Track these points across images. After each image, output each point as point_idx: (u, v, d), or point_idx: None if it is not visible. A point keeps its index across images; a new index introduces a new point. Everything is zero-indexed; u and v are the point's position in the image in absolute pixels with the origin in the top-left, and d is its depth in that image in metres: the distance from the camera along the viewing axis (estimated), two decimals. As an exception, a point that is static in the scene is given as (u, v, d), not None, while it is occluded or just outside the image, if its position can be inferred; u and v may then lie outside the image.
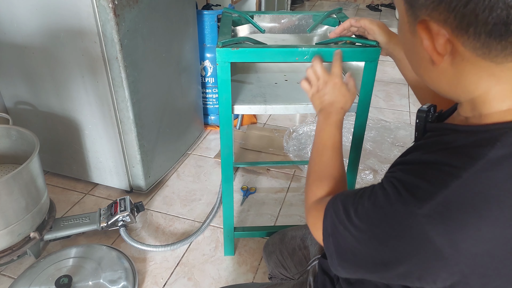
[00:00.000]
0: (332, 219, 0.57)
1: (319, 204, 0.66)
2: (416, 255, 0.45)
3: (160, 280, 1.41)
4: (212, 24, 2.02)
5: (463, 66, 0.45)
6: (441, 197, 0.43)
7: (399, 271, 0.48)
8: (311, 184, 0.75)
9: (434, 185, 0.44)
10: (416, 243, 0.44)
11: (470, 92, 0.47)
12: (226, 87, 1.08)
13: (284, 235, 1.13)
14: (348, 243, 0.53)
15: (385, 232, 0.48)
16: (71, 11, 1.34)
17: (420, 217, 0.44)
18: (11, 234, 1.27)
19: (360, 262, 0.52)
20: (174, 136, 1.92)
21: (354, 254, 0.53)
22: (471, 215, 0.42)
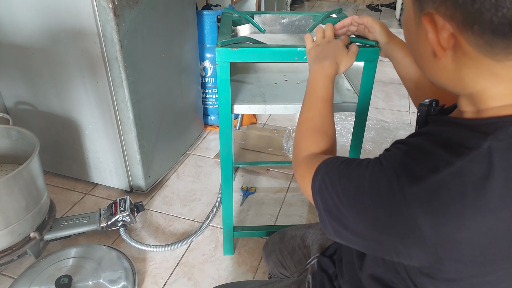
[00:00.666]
0: (322, 178, 0.59)
1: (312, 159, 0.66)
2: (395, 229, 0.47)
3: (160, 280, 1.41)
4: (212, 25, 2.03)
5: (464, 62, 0.46)
6: (432, 180, 0.44)
7: (376, 241, 0.50)
8: (305, 135, 0.74)
9: (427, 169, 0.45)
10: (399, 217, 0.46)
11: (469, 87, 0.48)
12: (225, 87, 1.09)
13: (283, 234, 1.13)
14: (334, 204, 0.55)
15: (371, 200, 0.49)
16: (71, 12, 1.34)
17: (409, 194, 0.45)
18: (11, 234, 1.27)
19: (345, 224, 0.54)
20: (174, 136, 1.92)
21: (340, 216, 0.55)
22: (457, 202, 0.43)
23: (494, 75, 0.45)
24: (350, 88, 1.25)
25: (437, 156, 0.46)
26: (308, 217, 1.71)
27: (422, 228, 0.44)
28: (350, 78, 1.29)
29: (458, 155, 0.44)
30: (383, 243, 0.50)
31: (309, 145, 0.72)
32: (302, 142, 0.74)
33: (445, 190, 0.43)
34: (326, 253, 0.88)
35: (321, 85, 0.80)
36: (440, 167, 0.44)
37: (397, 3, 4.63)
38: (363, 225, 0.51)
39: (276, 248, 1.12)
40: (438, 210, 0.44)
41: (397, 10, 4.60)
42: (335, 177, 0.56)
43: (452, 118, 0.53)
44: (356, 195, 0.52)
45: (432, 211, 0.44)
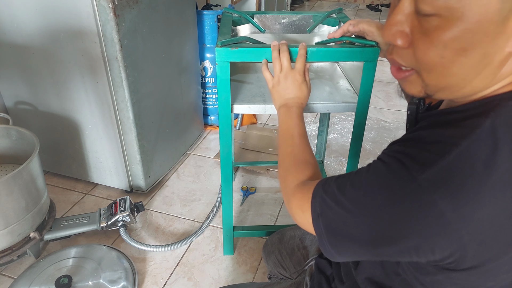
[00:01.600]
0: (322, 198, 0.57)
1: (304, 186, 0.65)
2: (416, 221, 0.45)
3: (160, 280, 1.41)
4: (212, 24, 2.03)
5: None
6: (443, 163, 0.44)
7: (396, 243, 0.48)
8: (289, 169, 0.75)
9: (435, 154, 0.45)
10: (418, 208, 0.45)
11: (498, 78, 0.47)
12: (225, 87, 1.09)
13: (283, 235, 1.13)
14: (340, 220, 0.53)
15: (385, 199, 0.47)
16: (71, 12, 1.34)
17: (423, 181, 0.44)
18: (11, 234, 1.27)
19: (354, 238, 0.52)
20: (174, 136, 1.92)
21: (347, 231, 0.52)
22: (472, 180, 0.43)
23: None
24: (350, 88, 1.25)
25: (441, 140, 0.46)
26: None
27: (445, 213, 0.43)
28: (350, 78, 1.28)
29: (462, 136, 0.44)
30: (401, 243, 0.48)
31: (296, 175, 0.72)
32: (289, 175, 0.74)
33: (457, 171, 0.43)
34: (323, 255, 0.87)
35: (293, 124, 0.83)
36: (447, 150, 0.44)
37: (397, 3, 4.63)
38: (379, 230, 0.49)
39: (275, 248, 1.12)
40: (455, 191, 0.43)
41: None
42: (336, 193, 0.54)
43: (444, 110, 0.52)
44: (367, 201, 0.49)
45: (450, 193, 0.43)
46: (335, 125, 2.37)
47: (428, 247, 0.46)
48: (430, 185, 0.44)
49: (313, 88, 1.24)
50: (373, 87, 1.12)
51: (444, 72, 0.47)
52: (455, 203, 0.43)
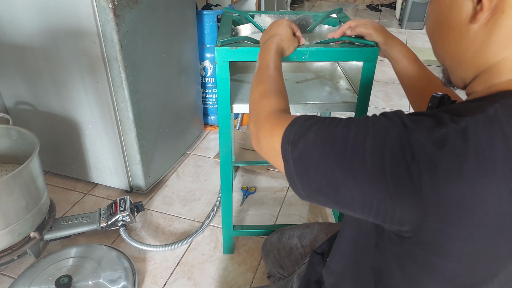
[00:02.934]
0: (302, 126, 0.54)
1: (281, 114, 0.63)
2: (393, 174, 0.45)
3: (160, 280, 1.42)
4: (212, 24, 2.03)
5: (500, 22, 0.47)
6: (437, 132, 0.44)
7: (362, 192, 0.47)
8: (267, 95, 0.71)
9: (434, 123, 0.45)
10: (400, 162, 0.44)
11: (491, 59, 0.49)
12: (225, 86, 1.09)
13: (282, 234, 1.13)
14: (313, 156, 0.51)
15: (375, 141, 0.47)
16: (71, 12, 1.34)
17: (414, 141, 0.44)
18: (11, 233, 1.27)
19: (324, 172, 0.50)
20: (174, 136, 1.92)
21: (319, 164, 0.50)
22: (458, 157, 0.43)
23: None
24: (350, 88, 1.25)
25: (443, 116, 0.46)
26: (308, 216, 1.71)
27: (421, 176, 0.43)
28: (350, 78, 1.29)
29: (463, 117, 0.44)
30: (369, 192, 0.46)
31: (274, 102, 0.68)
32: (266, 100, 0.69)
33: (448, 144, 0.43)
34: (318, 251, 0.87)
35: (271, 57, 0.81)
36: (445, 123, 0.44)
37: (397, 3, 4.63)
38: (357, 176, 0.47)
39: (274, 247, 1.12)
40: (440, 161, 0.43)
41: (397, 10, 4.60)
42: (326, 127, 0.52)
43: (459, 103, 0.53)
44: (358, 140, 0.48)
45: (434, 160, 0.43)
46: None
47: (391, 204, 0.45)
48: (420, 146, 0.44)
49: (313, 88, 1.24)
50: (372, 87, 1.12)
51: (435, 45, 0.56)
52: (435, 171, 0.43)
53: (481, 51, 0.50)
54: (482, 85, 0.51)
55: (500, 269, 0.48)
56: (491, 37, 0.48)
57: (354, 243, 0.64)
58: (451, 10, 0.51)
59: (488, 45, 0.49)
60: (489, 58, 0.49)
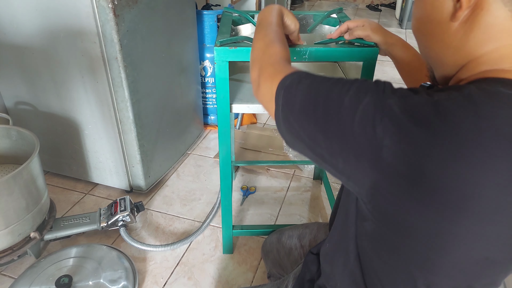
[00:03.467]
0: (299, 76, 0.56)
1: (288, 63, 0.66)
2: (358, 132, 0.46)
3: (160, 279, 1.42)
4: (212, 24, 2.03)
5: (478, 19, 0.48)
6: (411, 100, 0.45)
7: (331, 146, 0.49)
8: (273, 44, 0.71)
9: (410, 93, 0.46)
10: (368, 118, 0.45)
11: (472, 53, 0.50)
12: (224, 86, 1.09)
13: (281, 234, 1.13)
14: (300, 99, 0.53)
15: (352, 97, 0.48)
16: (71, 12, 1.34)
17: (388, 100, 0.45)
18: (11, 234, 1.27)
19: (301, 124, 0.53)
20: (174, 136, 1.92)
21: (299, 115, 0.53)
22: (424, 128, 0.42)
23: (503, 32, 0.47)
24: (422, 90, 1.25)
25: (421, 90, 0.47)
26: (308, 216, 1.71)
27: (384, 138, 0.44)
28: (349, 77, 1.29)
29: (438, 94, 0.45)
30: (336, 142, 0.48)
31: (279, 51, 0.69)
32: (271, 49, 0.70)
33: (417, 113, 0.43)
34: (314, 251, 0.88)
35: (273, 15, 0.81)
36: (420, 93, 0.46)
37: (397, 3, 4.63)
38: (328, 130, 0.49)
39: (273, 248, 1.12)
40: (405, 126, 0.43)
41: (397, 10, 4.60)
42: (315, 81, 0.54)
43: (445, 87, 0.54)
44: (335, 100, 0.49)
45: (400, 126, 0.43)
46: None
47: (354, 162, 0.46)
48: (390, 110, 0.44)
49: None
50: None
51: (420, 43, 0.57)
52: (398, 137, 0.43)
53: (461, 48, 0.51)
54: (461, 77, 0.52)
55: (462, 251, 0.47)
56: (471, 34, 0.49)
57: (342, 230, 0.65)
58: (433, 8, 0.52)
59: (467, 42, 0.50)
60: (468, 54, 0.50)
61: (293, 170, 2.00)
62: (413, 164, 0.42)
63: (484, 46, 0.49)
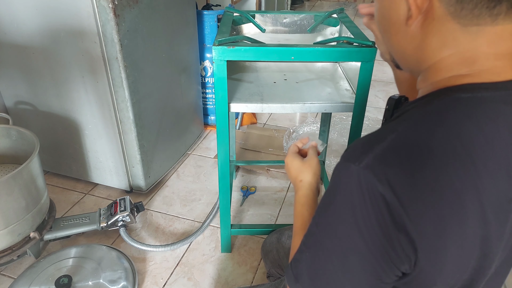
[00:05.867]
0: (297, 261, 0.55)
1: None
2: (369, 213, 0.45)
3: (160, 280, 1.41)
4: (212, 24, 2.03)
5: (430, 28, 0.48)
6: (379, 149, 0.44)
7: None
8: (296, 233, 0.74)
9: (373, 142, 0.46)
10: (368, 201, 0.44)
11: (430, 58, 0.50)
12: (222, 85, 1.09)
13: (281, 234, 1.13)
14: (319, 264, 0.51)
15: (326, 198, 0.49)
16: (71, 12, 1.34)
17: (362, 169, 0.44)
18: (11, 234, 1.27)
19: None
20: (174, 136, 1.92)
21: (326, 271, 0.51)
22: (406, 161, 0.43)
23: (455, 41, 0.47)
24: (349, 88, 1.25)
25: (382, 131, 0.47)
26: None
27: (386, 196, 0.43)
28: (350, 77, 1.29)
29: (400, 123, 0.46)
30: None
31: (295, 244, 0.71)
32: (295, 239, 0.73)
33: (393, 154, 0.43)
34: None
35: (297, 215, 0.78)
36: (384, 136, 0.45)
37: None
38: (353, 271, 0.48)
39: (273, 248, 1.12)
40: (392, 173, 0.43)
41: None
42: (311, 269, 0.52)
43: (410, 102, 0.54)
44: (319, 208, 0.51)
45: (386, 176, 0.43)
46: (335, 125, 2.37)
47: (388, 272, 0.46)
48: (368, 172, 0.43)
49: (313, 88, 1.24)
50: (373, 87, 1.12)
51: (381, 35, 0.56)
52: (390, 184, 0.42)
53: (419, 50, 0.51)
54: (425, 82, 0.52)
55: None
56: (426, 39, 0.49)
57: None
58: (391, 10, 0.52)
59: (425, 46, 0.50)
60: (427, 58, 0.50)
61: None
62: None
63: (441, 52, 0.49)
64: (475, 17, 0.44)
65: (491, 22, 0.44)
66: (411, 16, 0.48)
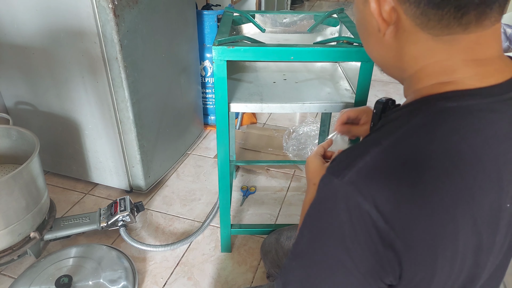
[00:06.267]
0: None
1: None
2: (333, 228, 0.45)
3: (160, 279, 1.42)
4: (212, 24, 2.03)
5: (405, 38, 0.47)
6: (362, 163, 0.43)
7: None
8: None
9: (356, 155, 0.45)
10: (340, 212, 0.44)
11: (410, 68, 0.50)
12: (222, 85, 1.09)
13: (280, 234, 1.13)
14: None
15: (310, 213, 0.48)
16: (71, 12, 1.34)
17: (346, 185, 0.43)
18: (11, 234, 1.28)
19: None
20: (174, 136, 1.92)
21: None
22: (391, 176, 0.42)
23: (430, 51, 0.46)
24: (349, 88, 1.25)
25: (365, 143, 0.46)
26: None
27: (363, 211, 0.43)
28: (350, 78, 1.29)
29: (384, 136, 0.45)
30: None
31: None
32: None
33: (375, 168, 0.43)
34: None
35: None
36: (368, 149, 0.44)
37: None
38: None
39: (272, 248, 1.12)
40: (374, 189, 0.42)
41: None
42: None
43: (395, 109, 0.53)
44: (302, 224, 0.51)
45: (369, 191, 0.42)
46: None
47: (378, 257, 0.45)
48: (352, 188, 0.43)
49: (313, 87, 1.24)
50: (373, 87, 1.12)
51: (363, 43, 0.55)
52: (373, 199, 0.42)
53: (398, 59, 0.50)
54: (410, 89, 0.51)
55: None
56: (403, 49, 0.48)
57: None
58: (365, 20, 0.51)
59: (403, 56, 0.49)
60: (408, 67, 0.50)
61: (293, 170, 2.00)
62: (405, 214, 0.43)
63: (420, 61, 0.48)
64: (444, 27, 0.44)
65: (463, 31, 0.44)
66: (379, 29, 0.49)
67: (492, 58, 0.46)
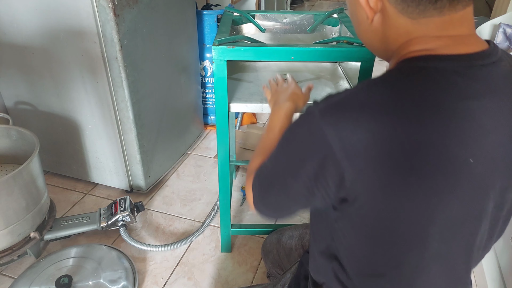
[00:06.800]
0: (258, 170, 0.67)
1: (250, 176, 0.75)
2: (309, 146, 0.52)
3: (160, 279, 1.42)
4: (212, 24, 2.03)
5: (388, 23, 0.55)
6: (336, 99, 0.51)
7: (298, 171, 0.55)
8: (256, 156, 0.80)
9: (333, 96, 0.53)
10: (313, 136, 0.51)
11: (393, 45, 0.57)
12: (222, 85, 1.09)
13: (281, 234, 1.13)
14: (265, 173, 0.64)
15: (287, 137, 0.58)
16: (71, 12, 1.34)
17: (317, 112, 0.51)
18: (11, 234, 1.28)
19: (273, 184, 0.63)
20: (174, 136, 1.92)
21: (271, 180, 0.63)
22: (353, 111, 0.49)
23: (410, 32, 0.53)
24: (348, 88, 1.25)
25: (345, 90, 0.54)
26: (308, 216, 1.70)
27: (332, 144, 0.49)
28: (350, 78, 1.29)
29: (364, 82, 0.52)
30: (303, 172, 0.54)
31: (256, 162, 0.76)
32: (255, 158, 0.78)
33: (344, 104, 0.50)
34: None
35: (277, 119, 0.87)
36: (344, 91, 0.52)
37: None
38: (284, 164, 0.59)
39: (273, 248, 1.12)
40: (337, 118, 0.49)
41: None
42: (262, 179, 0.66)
43: None
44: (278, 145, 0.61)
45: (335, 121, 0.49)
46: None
47: (321, 172, 0.52)
48: (321, 114, 0.50)
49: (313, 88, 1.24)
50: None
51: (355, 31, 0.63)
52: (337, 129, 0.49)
53: (383, 42, 0.58)
54: (392, 62, 0.59)
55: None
56: (387, 33, 0.56)
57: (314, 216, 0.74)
58: (356, 11, 0.59)
59: (386, 39, 0.57)
60: (390, 47, 0.57)
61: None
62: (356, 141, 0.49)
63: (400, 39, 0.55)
64: (421, 12, 0.51)
65: (438, 14, 0.51)
66: (368, 17, 0.57)
67: (463, 35, 0.52)
